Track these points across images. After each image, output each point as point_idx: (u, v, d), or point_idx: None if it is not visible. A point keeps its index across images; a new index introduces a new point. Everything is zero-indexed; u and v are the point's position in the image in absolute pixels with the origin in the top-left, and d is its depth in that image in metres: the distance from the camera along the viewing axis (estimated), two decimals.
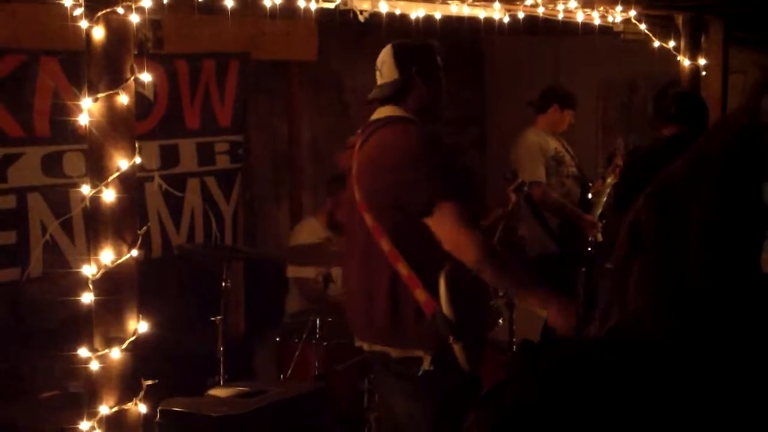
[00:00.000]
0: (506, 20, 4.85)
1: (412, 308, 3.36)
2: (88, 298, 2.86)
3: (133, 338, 2.90)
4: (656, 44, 5.36)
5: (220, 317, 4.90)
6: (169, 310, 5.32)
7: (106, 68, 2.86)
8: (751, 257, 1.26)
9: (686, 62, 5.45)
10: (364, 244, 3.47)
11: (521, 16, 4.85)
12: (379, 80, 3.62)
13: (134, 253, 2.90)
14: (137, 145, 2.94)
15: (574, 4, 4.73)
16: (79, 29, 2.86)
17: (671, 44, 5.43)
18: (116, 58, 2.87)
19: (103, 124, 2.85)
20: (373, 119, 3.60)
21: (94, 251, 2.87)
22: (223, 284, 4.99)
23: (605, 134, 7.70)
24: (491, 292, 3.70)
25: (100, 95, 2.83)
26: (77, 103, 2.86)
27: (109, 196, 2.84)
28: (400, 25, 4.63)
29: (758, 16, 5.83)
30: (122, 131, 2.89)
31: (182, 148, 5.85)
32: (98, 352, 2.86)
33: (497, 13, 4.78)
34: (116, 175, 2.85)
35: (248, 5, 3.98)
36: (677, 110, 4.86)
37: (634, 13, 5.18)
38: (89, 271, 2.86)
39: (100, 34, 2.83)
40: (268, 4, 3.97)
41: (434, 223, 3.34)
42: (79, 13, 2.88)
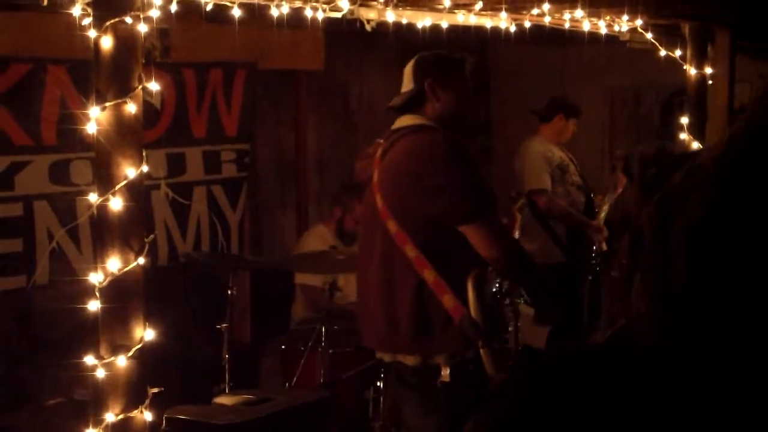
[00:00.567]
0: (512, 29, 4.86)
1: (440, 314, 3.37)
2: (94, 305, 2.87)
3: (139, 346, 2.90)
4: (662, 53, 5.37)
5: (225, 325, 4.90)
6: (175, 317, 5.34)
7: (114, 77, 2.87)
8: (747, 260, 1.26)
9: (692, 71, 5.45)
10: (385, 252, 3.47)
11: (528, 25, 4.86)
12: (402, 89, 3.68)
13: (141, 261, 2.91)
14: (144, 153, 2.95)
15: (580, 13, 4.73)
16: (86, 38, 2.87)
17: (677, 53, 5.43)
18: (124, 67, 2.88)
19: (110, 132, 2.86)
20: (394, 128, 3.63)
21: (100, 259, 2.88)
22: (229, 292, 4.99)
23: (612, 143, 7.70)
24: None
25: (107, 104, 2.85)
26: (85, 111, 2.88)
27: (116, 204, 2.85)
28: (407, 34, 4.64)
29: (765, 25, 5.83)
30: (130, 140, 2.90)
31: (189, 156, 5.87)
32: (104, 359, 2.87)
33: (504, 22, 4.79)
34: (123, 183, 2.86)
35: (256, 15, 3.99)
36: None
37: (640, 22, 5.18)
38: (96, 278, 2.86)
39: (108, 43, 2.84)
40: (275, 13, 3.98)
41: (470, 232, 3.41)
42: (87, 22, 2.90)
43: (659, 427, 1.19)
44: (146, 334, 2.93)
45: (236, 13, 3.77)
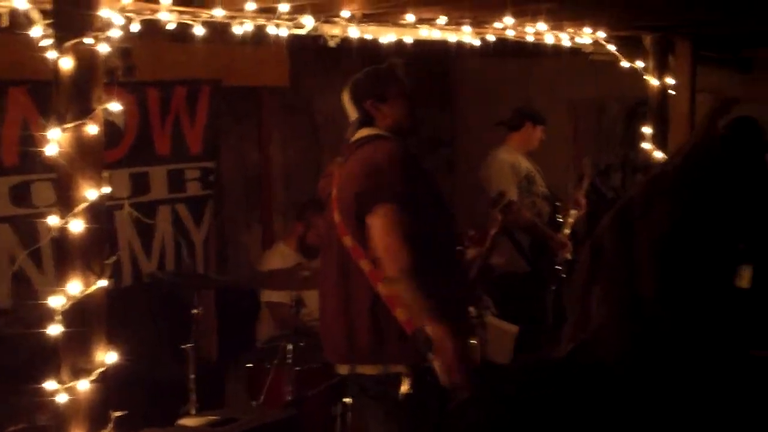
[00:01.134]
0: (476, 44, 4.87)
1: (393, 327, 3.40)
2: (56, 329, 2.83)
3: (101, 369, 2.87)
4: (625, 65, 5.40)
5: (191, 345, 4.86)
6: (140, 338, 5.28)
7: (74, 98, 2.84)
8: (711, 271, 1.26)
9: (654, 82, 5.49)
10: (342, 266, 3.51)
11: (491, 39, 4.88)
12: (350, 118, 3.74)
13: (103, 283, 2.88)
14: (106, 174, 2.93)
15: (543, 26, 4.76)
16: (47, 59, 2.84)
17: (639, 64, 5.47)
18: (84, 88, 2.86)
19: (71, 154, 2.83)
20: (351, 141, 3.69)
21: (62, 282, 2.85)
22: (194, 311, 4.95)
23: (576, 154, 7.74)
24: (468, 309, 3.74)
25: (67, 125, 2.82)
26: (45, 133, 2.84)
27: (77, 226, 2.82)
28: (371, 49, 4.64)
29: (725, 35, 5.89)
30: (90, 161, 2.87)
31: (153, 175, 5.83)
32: (66, 384, 2.83)
33: (467, 36, 4.80)
34: (84, 205, 2.83)
35: (219, 32, 3.97)
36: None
37: (602, 34, 5.22)
38: (57, 302, 2.83)
39: (68, 64, 2.82)
40: (238, 31, 3.97)
41: (372, 225, 3.39)
42: (47, 43, 2.87)
43: None
44: (108, 357, 2.90)
45: (199, 31, 3.75)
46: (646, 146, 5.46)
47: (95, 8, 2.86)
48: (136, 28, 3.44)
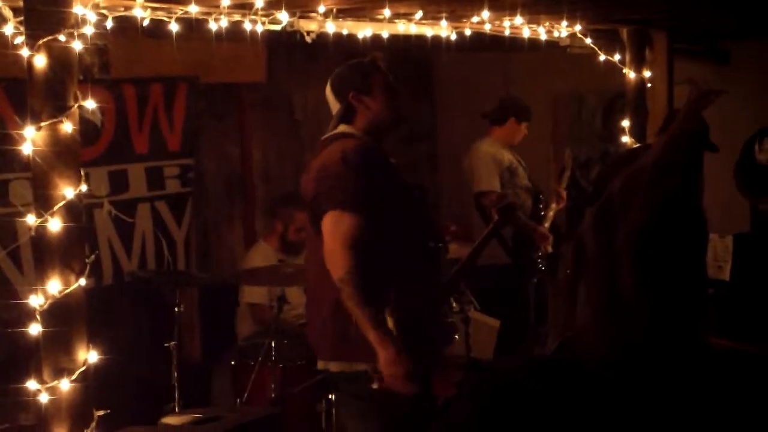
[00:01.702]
0: (453, 38, 4.87)
1: (354, 325, 3.37)
2: (36, 329, 2.82)
3: (83, 369, 2.86)
4: (602, 58, 5.42)
5: (174, 343, 4.85)
6: (121, 337, 5.27)
7: (48, 96, 2.83)
8: (689, 265, 1.26)
9: (632, 75, 5.51)
10: (318, 262, 3.49)
11: (468, 33, 4.87)
12: (333, 111, 3.71)
13: (82, 282, 2.87)
14: (83, 172, 2.91)
15: (519, 20, 4.76)
16: (21, 57, 2.83)
17: (617, 57, 5.49)
18: (59, 85, 2.84)
19: (47, 152, 2.82)
20: (323, 138, 3.67)
21: (41, 281, 2.83)
22: (176, 309, 4.94)
23: (556, 147, 7.75)
24: (446, 309, 3.72)
25: (43, 124, 2.81)
26: (20, 132, 2.83)
27: (55, 225, 2.81)
28: (348, 43, 4.64)
29: (701, 27, 5.91)
30: (67, 159, 2.86)
31: (131, 173, 5.80)
32: (47, 383, 2.82)
33: (444, 30, 4.80)
34: (62, 204, 2.82)
35: (195, 29, 3.96)
36: None
37: (579, 27, 5.23)
38: (36, 301, 2.81)
39: (42, 62, 2.80)
40: (214, 27, 3.96)
41: (323, 229, 3.39)
42: (20, 41, 2.85)
43: None
44: (90, 356, 2.89)
45: (174, 27, 3.74)
46: (624, 139, 5.49)
47: (68, 5, 2.85)
48: (110, 25, 3.43)
